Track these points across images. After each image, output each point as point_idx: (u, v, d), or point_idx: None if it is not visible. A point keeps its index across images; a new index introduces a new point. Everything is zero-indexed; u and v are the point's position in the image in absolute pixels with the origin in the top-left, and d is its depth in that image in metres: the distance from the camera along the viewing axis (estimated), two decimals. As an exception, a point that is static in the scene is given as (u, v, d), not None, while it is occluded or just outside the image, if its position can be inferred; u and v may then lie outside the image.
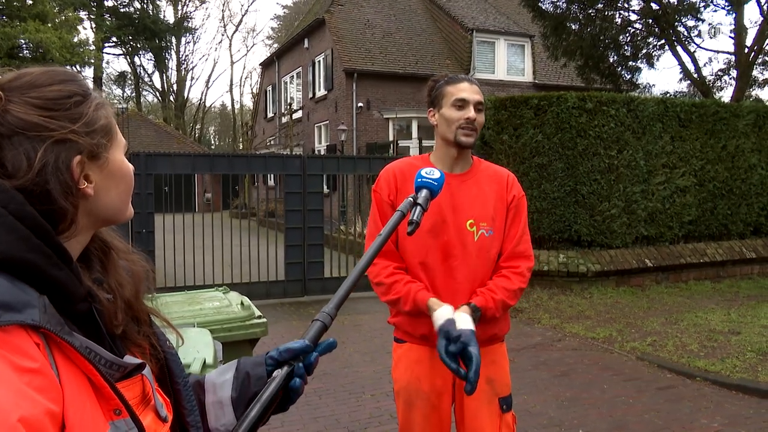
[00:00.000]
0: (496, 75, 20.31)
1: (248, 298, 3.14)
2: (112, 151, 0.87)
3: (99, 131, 0.84)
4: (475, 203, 2.02)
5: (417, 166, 2.07)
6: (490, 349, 2.06)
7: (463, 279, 2.00)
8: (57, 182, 0.78)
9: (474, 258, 2.00)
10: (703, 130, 9.42)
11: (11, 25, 18.51)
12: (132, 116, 28.10)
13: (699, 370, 5.16)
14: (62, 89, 0.82)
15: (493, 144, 8.87)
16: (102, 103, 0.87)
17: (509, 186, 2.09)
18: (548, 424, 4.14)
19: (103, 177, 0.85)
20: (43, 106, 0.79)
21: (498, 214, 2.04)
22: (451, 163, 2.06)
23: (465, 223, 2.00)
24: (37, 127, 0.78)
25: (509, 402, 2.07)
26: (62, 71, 0.86)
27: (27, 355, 0.69)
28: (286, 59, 25.14)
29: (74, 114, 0.82)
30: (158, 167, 7.87)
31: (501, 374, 2.08)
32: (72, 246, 0.82)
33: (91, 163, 0.83)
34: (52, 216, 0.78)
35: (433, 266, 2.01)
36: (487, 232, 2.02)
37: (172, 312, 2.74)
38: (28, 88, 0.80)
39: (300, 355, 1.01)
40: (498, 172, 2.12)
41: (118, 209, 0.89)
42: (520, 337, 6.32)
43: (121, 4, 34.31)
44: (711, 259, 9.34)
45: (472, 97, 2.01)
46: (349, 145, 18.46)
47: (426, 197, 1.36)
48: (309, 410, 4.37)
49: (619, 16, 13.27)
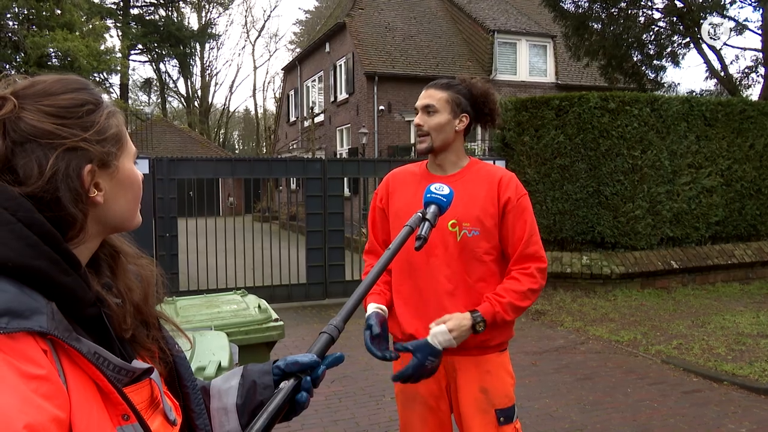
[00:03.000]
0: (519, 76, 20.18)
1: (270, 301, 3.17)
2: (122, 160, 0.88)
3: (110, 140, 0.85)
4: (458, 204, 1.93)
5: (412, 172, 2.14)
6: (484, 358, 2.01)
7: (445, 279, 1.99)
8: (67, 190, 0.79)
9: (456, 258, 1.99)
10: (729, 128, 9.24)
11: (40, 35, 18.93)
12: (157, 122, 28.52)
13: (726, 374, 5.05)
14: (75, 98, 0.83)
15: (514, 145, 8.81)
16: (113, 111, 0.88)
17: (502, 187, 2.02)
18: (570, 428, 4.08)
19: (113, 185, 0.86)
20: (56, 114, 0.80)
21: (486, 214, 2.00)
22: (436, 168, 2.09)
23: (447, 223, 1.98)
24: (49, 134, 0.79)
25: (509, 414, 2.00)
26: (75, 80, 0.87)
27: (33, 362, 0.70)
28: (307, 63, 25.29)
29: (86, 122, 0.83)
30: (181, 172, 7.96)
31: (498, 385, 2.01)
32: (81, 252, 0.83)
33: (101, 171, 0.84)
34: (61, 223, 0.79)
35: (417, 266, 2.03)
36: (470, 233, 1.98)
37: (190, 315, 2.77)
38: (42, 96, 0.81)
39: (307, 369, 1.01)
40: (491, 173, 2.07)
41: (127, 217, 0.90)
42: (543, 340, 6.26)
43: (146, 12, 34.84)
44: (739, 260, 9.15)
45: (420, 103, 2.07)
46: (370, 148, 18.49)
47: (434, 213, 1.37)
48: (329, 413, 4.38)
49: (642, 14, 13.08)
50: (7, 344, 0.69)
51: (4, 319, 0.69)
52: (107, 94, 25.58)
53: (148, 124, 26.10)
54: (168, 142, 27.62)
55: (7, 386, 0.66)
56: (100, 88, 0.91)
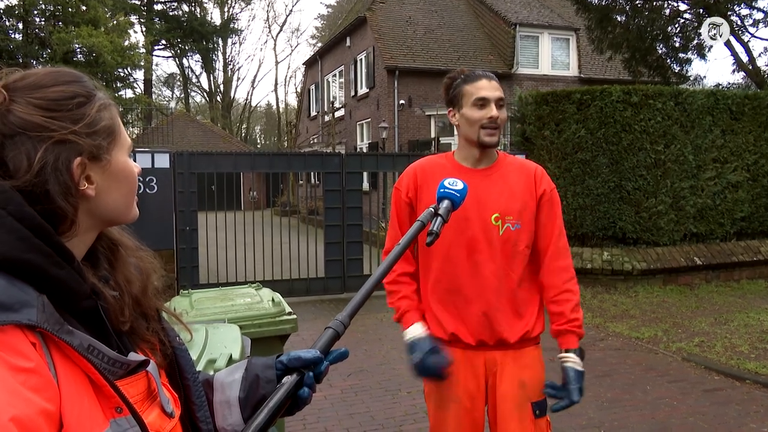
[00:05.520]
0: (540, 70, 19.96)
1: (289, 294, 3.18)
2: (114, 153, 0.87)
3: (101, 132, 0.85)
4: (501, 197, 1.98)
5: (440, 164, 2.07)
6: (522, 352, 2.03)
7: (490, 274, 1.97)
8: (56, 183, 0.78)
9: (499, 252, 1.97)
10: (756, 122, 9.04)
11: (66, 31, 19.22)
12: (180, 116, 28.81)
13: (749, 373, 4.95)
14: (65, 90, 0.83)
15: (534, 140, 8.72)
16: (106, 104, 0.87)
17: (538, 179, 2.04)
18: (588, 425, 4.04)
19: (104, 178, 0.85)
20: (46, 107, 0.80)
21: (526, 207, 2.00)
22: (474, 161, 2.04)
23: (490, 217, 1.97)
24: (38, 127, 0.78)
25: (543, 407, 2.03)
26: (68, 72, 0.86)
27: (22, 355, 0.69)
28: (328, 58, 25.32)
29: (76, 115, 0.82)
30: (201, 166, 8.04)
31: (535, 378, 2.03)
32: (75, 245, 0.83)
33: (92, 164, 0.83)
34: (52, 216, 0.79)
35: (458, 262, 1.98)
36: (513, 226, 1.98)
37: (204, 308, 2.79)
38: (32, 88, 0.81)
39: (310, 365, 1.00)
40: (525, 165, 2.08)
41: (120, 210, 0.89)
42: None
43: (169, 8, 35.19)
44: (765, 257, 8.96)
45: (492, 94, 1.96)
46: (390, 143, 18.46)
47: (447, 208, 1.32)
48: (344, 406, 4.40)
49: (667, 6, 12.86)
50: None
51: None
52: (131, 89, 25.90)
53: (170, 119, 26.37)
54: (191, 136, 27.88)
55: None
56: (95, 81, 0.90)
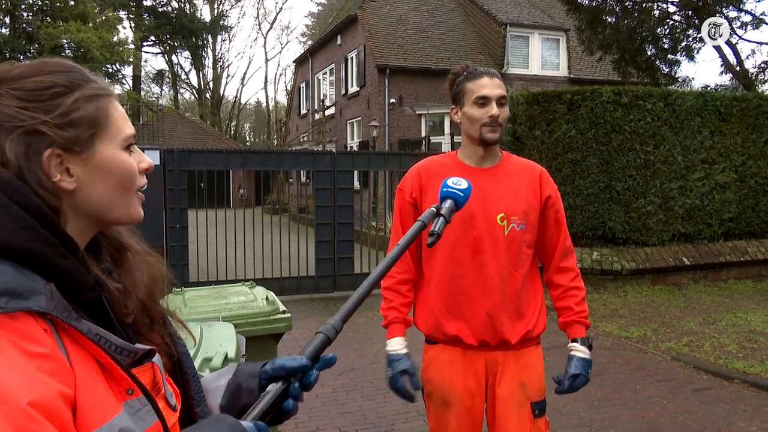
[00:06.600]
0: (531, 70, 20.03)
1: (279, 293, 3.16)
2: (100, 145, 0.84)
3: (80, 123, 0.82)
4: (506, 197, 1.99)
5: (444, 163, 2.07)
6: (523, 352, 2.03)
7: (495, 274, 1.97)
8: (30, 173, 0.77)
9: (504, 252, 1.98)
10: (744, 124, 9.13)
11: (54, 26, 19.05)
12: (169, 113, 28.61)
13: (737, 372, 5.00)
14: (43, 80, 0.81)
15: (525, 139, 8.75)
16: (95, 95, 0.84)
17: (543, 182, 2.07)
18: (578, 424, 4.07)
19: (87, 171, 0.83)
20: (21, 97, 0.79)
21: (531, 208, 2.01)
22: (478, 160, 2.04)
23: (495, 217, 1.97)
24: (10, 118, 0.78)
25: (542, 407, 2.03)
26: (55, 62, 0.85)
27: (36, 341, 0.70)
28: (319, 56, 25.26)
29: (50, 105, 0.80)
30: (191, 163, 7.99)
31: (534, 378, 2.03)
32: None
33: (70, 156, 0.81)
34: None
35: (462, 262, 1.98)
36: (518, 226, 1.99)
37: (198, 306, 2.78)
38: (15, 80, 0.80)
39: (296, 374, 0.93)
40: (529, 166, 2.10)
41: (108, 206, 0.86)
42: (551, 336, 6.19)
43: (159, 4, 34.94)
44: (752, 257, 9.05)
45: (493, 92, 1.97)
46: (381, 142, 18.46)
47: (450, 208, 1.28)
48: (336, 405, 4.39)
49: (657, 8, 12.94)
50: (7, 323, 0.69)
51: (4, 299, 0.69)
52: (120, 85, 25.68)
53: (160, 116, 26.21)
54: (180, 133, 27.69)
55: (10, 364, 0.67)
56: (94, 73, 0.88)
